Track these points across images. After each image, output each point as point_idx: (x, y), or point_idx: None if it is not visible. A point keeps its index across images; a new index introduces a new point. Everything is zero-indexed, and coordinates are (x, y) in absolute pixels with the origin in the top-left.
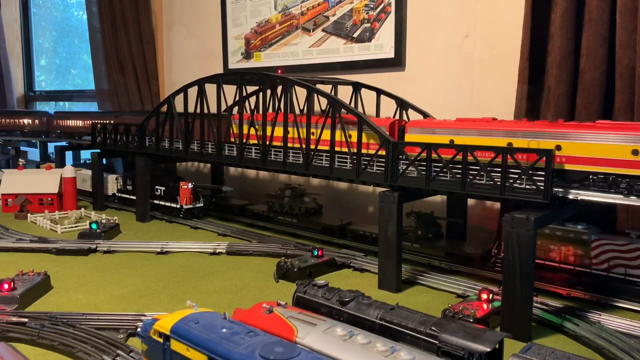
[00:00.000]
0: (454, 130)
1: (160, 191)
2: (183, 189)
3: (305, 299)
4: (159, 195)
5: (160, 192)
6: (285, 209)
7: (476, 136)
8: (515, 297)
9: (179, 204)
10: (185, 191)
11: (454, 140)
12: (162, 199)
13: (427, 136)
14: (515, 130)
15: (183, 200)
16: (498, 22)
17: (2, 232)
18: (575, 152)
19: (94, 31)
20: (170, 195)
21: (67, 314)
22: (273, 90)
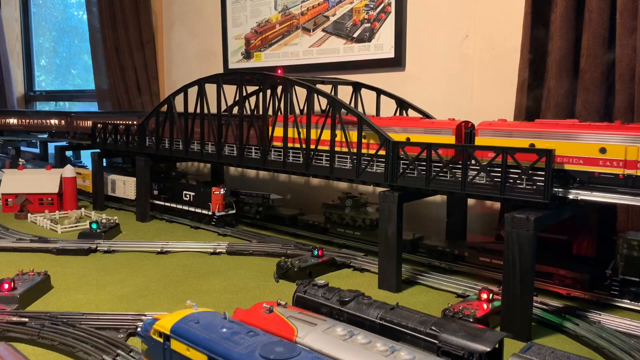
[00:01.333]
0: (535, 133)
1: (189, 197)
2: (215, 195)
3: (305, 299)
4: (188, 201)
5: (189, 198)
6: (346, 220)
7: (562, 140)
8: (515, 297)
9: (210, 210)
10: (218, 197)
11: (534, 144)
12: (192, 205)
13: (502, 140)
14: (610, 134)
15: (215, 207)
16: (498, 22)
17: (2, 232)
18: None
19: (94, 31)
20: (201, 201)
21: (67, 313)
22: (273, 90)
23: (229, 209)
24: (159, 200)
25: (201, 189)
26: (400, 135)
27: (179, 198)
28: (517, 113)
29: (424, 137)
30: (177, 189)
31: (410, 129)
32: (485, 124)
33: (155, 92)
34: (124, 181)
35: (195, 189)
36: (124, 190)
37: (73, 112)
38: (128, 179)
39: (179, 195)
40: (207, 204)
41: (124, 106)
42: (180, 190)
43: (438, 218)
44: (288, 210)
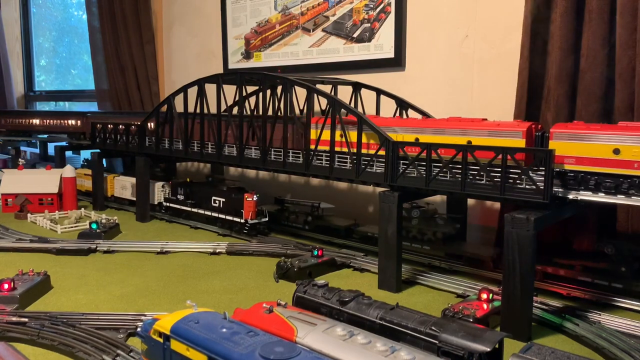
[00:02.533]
0: (621, 136)
1: (219, 203)
2: (247, 202)
3: (305, 299)
4: (217, 208)
5: (218, 204)
6: (413, 233)
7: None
8: (515, 297)
9: (243, 218)
10: (250, 204)
11: (619, 149)
12: (222, 212)
13: (580, 144)
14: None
15: (248, 214)
16: (498, 22)
17: (2, 232)
18: None
19: (94, 31)
20: (232, 208)
21: (67, 314)
22: (273, 90)
23: (261, 216)
24: (184, 205)
25: (232, 195)
26: (460, 139)
27: (207, 204)
28: (517, 113)
29: (489, 140)
30: (205, 195)
31: (470, 131)
32: (561, 126)
33: (155, 92)
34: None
35: (226, 195)
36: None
37: (89, 113)
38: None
39: (207, 201)
40: (239, 211)
41: (123, 106)
42: (208, 195)
43: None
44: (341, 221)
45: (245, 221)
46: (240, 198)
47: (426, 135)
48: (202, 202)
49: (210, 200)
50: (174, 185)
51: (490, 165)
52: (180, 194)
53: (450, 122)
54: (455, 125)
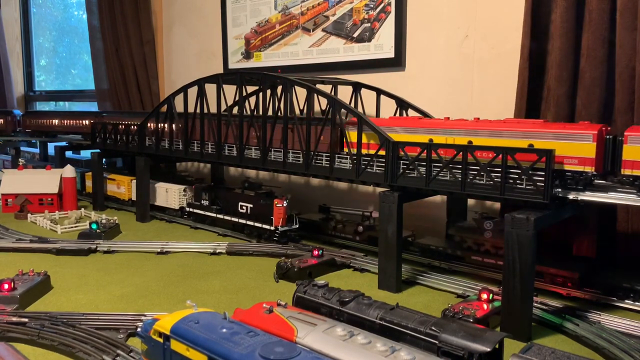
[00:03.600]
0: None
1: (246, 209)
2: (277, 208)
3: (305, 299)
4: (244, 214)
5: (246, 210)
6: (486, 247)
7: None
8: (515, 297)
9: (272, 225)
10: (280, 210)
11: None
12: (249, 218)
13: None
14: None
15: (278, 221)
16: (498, 22)
17: (2, 232)
18: None
19: (94, 31)
20: (260, 214)
21: (67, 314)
22: (273, 90)
23: (291, 223)
24: (209, 211)
25: (260, 200)
26: (520, 142)
27: (233, 210)
28: (517, 113)
29: (554, 143)
30: (232, 200)
31: (533, 133)
32: (637, 129)
33: (155, 92)
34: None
35: (254, 200)
36: (166, 199)
37: (105, 113)
38: (172, 187)
39: (234, 207)
40: (268, 218)
41: (124, 106)
42: (235, 201)
43: (438, 218)
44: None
45: (275, 228)
46: (269, 204)
47: (480, 137)
48: (228, 207)
49: (237, 206)
50: (198, 189)
51: (490, 166)
52: (204, 199)
53: (508, 124)
54: (514, 127)
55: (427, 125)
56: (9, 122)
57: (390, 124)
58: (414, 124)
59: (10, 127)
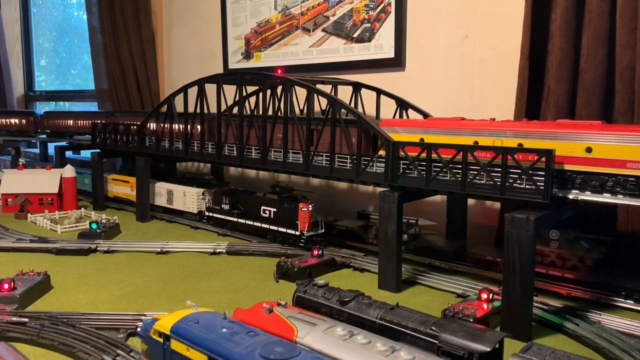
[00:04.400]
0: None
1: (269, 213)
2: (303, 212)
3: (305, 299)
4: (267, 218)
5: (269, 215)
6: (552, 257)
7: None
8: (515, 297)
9: (298, 230)
10: (305, 214)
11: None
12: (272, 223)
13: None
14: None
15: (304, 226)
16: (498, 22)
17: (2, 232)
18: None
19: (94, 31)
20: (285, 219)
21: (67, 313)
22: (273, 90)
23: (317, 228)
24: (230, 216)
25: (284, 204)
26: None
27: (256, 214)
28: (517, 113)
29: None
30: (254, 204)
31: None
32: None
33: (155, 92)
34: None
35: (277, 205)
36: (184, 203)
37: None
38: (189, 190)
39: (256, 211)
40: (294, 223)
41: (124, 106)
42: (257, 205)
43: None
44: (445, 241)
45: (301, 233)
46: (293, 208)
47: (531, 140)
48: (250, 212)
49: (259, 210)
50: (218, 193)
51: (490, 165)
52: (225, 203)
53: (562, 126)
54: (569, 128)
55: (470, 126)
56: (31, 123)
57: (426, 125)
58: (456, 126)
59: (32, 128)
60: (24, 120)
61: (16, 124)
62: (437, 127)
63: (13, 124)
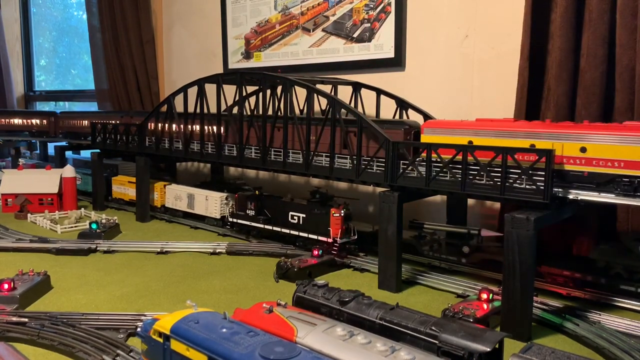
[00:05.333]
0: None
1: (297, 219)
2: (335, 218)
3: (305, 299)
4: (295, 224)
5: (297, 220)
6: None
7: None
8: (515, 297)
9: (330, 236)
10: (338, 220)
11: None
12: (302, 229)
13: None
14: None
15: (336, 232)
16: (498, 22)
17: (2, 232)
18: None
19: (94, 31)
20: (314, 225)
21: (67, 314)
22: (273, 90)
23: (349, 234)
24: (255, 222)
25: (314, 209)
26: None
27: (283, 220)
28: (517, 113)
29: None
30: (281, 209)
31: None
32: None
33: (155, 92)
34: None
35: (306, 210)
36: (205, 208)
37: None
38: (212, 194)
39: (284, 217)
40: (325, 229)
41: (124, 106)
42: (284, 210)
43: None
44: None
45: (333, 240)
46: (324, 213)
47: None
48: (277, 218)
49: (287, 216)
50: (242, 198)
51: (490, 165)
52: (250, 208)
53: (629, 129)
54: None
55: (526, 128)
56: (52, 123)
57: (475, 126)
58: (510, 127)
59: (54, 128)
60: (45, 121)
61: (37, 125)
62: (488, 129)
63: (34, 124)
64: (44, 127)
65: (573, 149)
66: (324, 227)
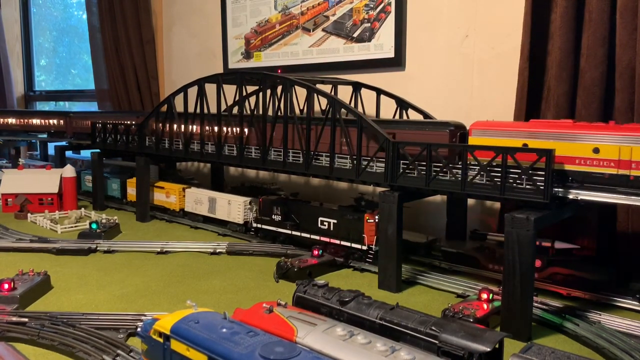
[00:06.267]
0: None
1: (328, 225)
2: (369, 224)
3: (305, 299)
4: (325, 231)
5: (327, 226)
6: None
7: None
8: (515, 297)
9: (364, 244)
10: (372, 226)
11: None
12: (333, 236)
13: None
14: None
15: (371, 240)
16: (498, 22)
17: (2, 232)
18: None
19: (94, 31)
20: (346, 231)
21: (67, 314)
22: (273, 90)
23: None
24: (282, 227)
25: (346, 215)
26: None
27: (312, 226)
28: (517, 113)
29: None
30: (310, 215)
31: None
32: None
33: (155, 92)
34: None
35: (337, 215)
36: (228, 213)
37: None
38: (235, 199)
39: (313, 223)
40: (358, 235)
41: (124, 106)
42: (314, 215)
43: (438, 218)
44: (602, 270)
45: (368, 247)
46: (357, 219)
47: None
48: (306, 223)
49: (317, 222)
50: (267, 203)
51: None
52: (276, 213)
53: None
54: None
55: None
56: (68, 123)
57: (531, 127)
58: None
59: (70, 129)
60: (61, 121)
61: (54, 125)
62: (545, 131)
63: (51, 124)
64: (61, 127)
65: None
66: (356, 233)
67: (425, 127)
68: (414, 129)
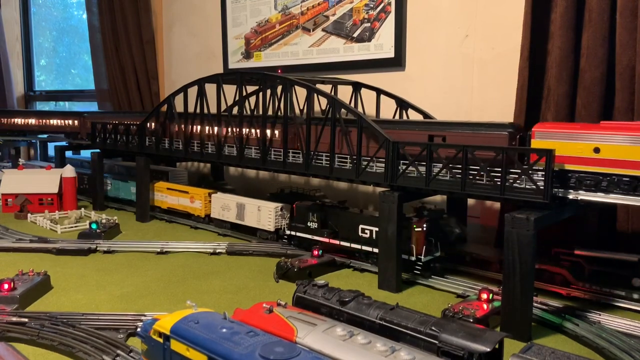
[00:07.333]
0: None
1: (369, 233)
2: (417, 232)
3: (305, 299)
4: (367, 239)
5: (369, 235)
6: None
7: None
8: (515, 297)
9: (413, 254)
10: (420, 235)
11: None
12: (375, 245)
13: None
14: None
15: (419, 249)
16: (498, 22)
17: (2, 232)
18: None
19: (94, 31)
20: None
21: (67, 314)
22: (273, 90)
23: (433, 250)
24: (320, 235)
25: None
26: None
27: (353, 235)
28: (517, 113)
29: None
30: (349, 222)
31: None
32: None
33: (155, 92)
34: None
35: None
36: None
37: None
38: (265, 204)
39: (353, 231)
40: (407, 245)
41: (124, 106)
42: (354, 223)
43: None
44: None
45: (417, 258)
46: (407, 227)
47: None
48: (345, 231)
49: (357, 230)
50: (301, 209)
51: (490, 165)
52: (312, 220)
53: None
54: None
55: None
56: (82, 124)
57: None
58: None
59: (84, 129)
60: (76, 122)
61: (70, 125)
62: (622, 134)
63: (67, 125)
64: (76, 127)
65: None
66: (407, 243)
67: (482, 128)
68: (467, 130)
